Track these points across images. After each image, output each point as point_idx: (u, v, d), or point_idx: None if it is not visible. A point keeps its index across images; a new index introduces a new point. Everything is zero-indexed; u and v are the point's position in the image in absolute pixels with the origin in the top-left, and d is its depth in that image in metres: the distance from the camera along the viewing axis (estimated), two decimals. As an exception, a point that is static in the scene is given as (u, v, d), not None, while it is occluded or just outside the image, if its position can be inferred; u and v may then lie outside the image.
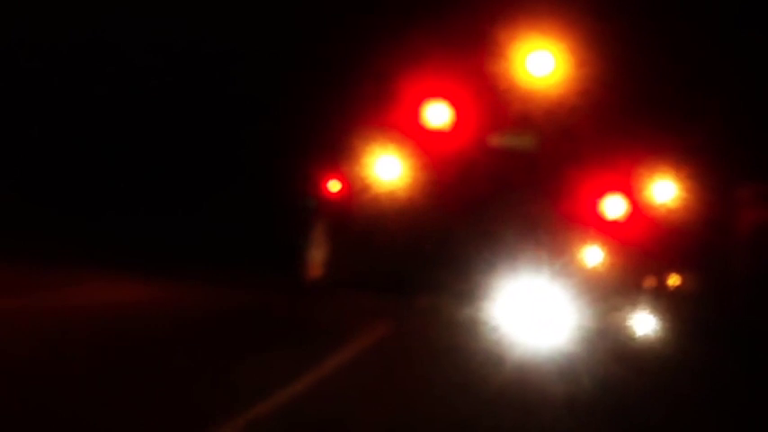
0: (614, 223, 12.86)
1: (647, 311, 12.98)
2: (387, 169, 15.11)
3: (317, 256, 15.75)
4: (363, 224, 14.92)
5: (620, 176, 12.93)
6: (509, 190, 13.25)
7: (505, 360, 9.30)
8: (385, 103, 13.79)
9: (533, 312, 11.37)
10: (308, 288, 15.28)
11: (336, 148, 15.19)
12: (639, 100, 12.73)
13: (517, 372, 8.89)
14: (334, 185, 15.65)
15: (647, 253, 13.64)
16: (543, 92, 12.95)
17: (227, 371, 8.04)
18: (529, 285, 11.80)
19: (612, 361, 9.76)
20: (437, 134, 13.17)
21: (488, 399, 7.79)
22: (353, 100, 14.18)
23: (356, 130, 14.64)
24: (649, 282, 14.43)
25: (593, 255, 14.51)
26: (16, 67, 14.55)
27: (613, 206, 12.78)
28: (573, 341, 10.68)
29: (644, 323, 12.80)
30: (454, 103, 13.23)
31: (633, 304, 13.05)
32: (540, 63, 12.83)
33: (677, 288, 14.71)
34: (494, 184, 13.25)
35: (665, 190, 12.85)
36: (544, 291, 11.70)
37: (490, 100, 13.15)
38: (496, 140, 13.32)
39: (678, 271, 14.58)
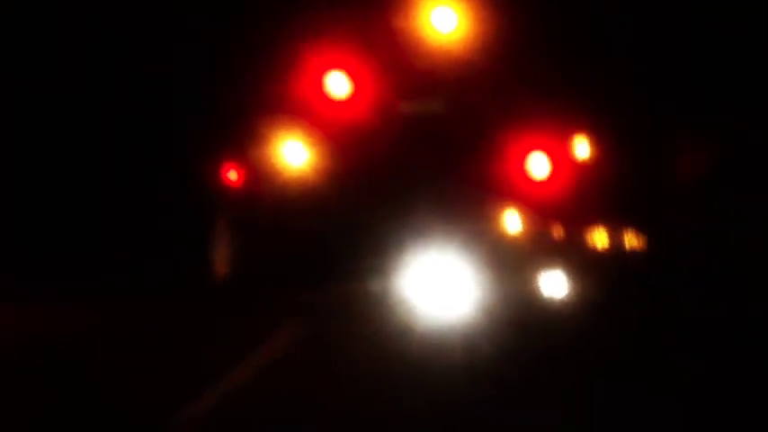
0: (540, 183, 11.89)
1: (563, 278, 12.61)
2: (290, 152, 13.91)
3: (221, 254, 14.45)
4: (268, 214, 13.69)
5: (542, 134, 11.96)
6: (421, 158, 12.19)
7: (410, 333, 9.41)
8: (285, 78, 12.55)
9: (443, 285, 11.09)
10: (213, 290, 13.96)
11: (233, 133, 13.91)
12: (552, 49, 11.79)
13: (420, 344, 9.02)
14: (233, 174, 14.38)
15: (572, 215, 12.77)
16: (449, 50, 11.91)
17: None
18: (441, 258, 11.35)
19: (517, 330, 9.79)
20: (341, 105, 12.00)
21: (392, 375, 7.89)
22: (249, 78, 12.93)
23: (255, 113, 13.36)
24: (571, 246, 13.74)
25: (511, 222, 13.84)
26: None
27: (538, 165, 11.81)
28: (481, 312, 10.51)
29: (558, 290, 12.50)
30: (356, 72, 12.09)
31: (549, 271, 12.69)
32: (444, 19, 11.77)
33: (603, 250, 13.86)
34: (405, 154, 12.18)
35: (588, 144, 11.99)
36: (456, 263, 11.32)
37: (395, 65, 12.05)
38: (405, 107, 12.22)
39: (608, 231, 13.76)
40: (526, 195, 12.05)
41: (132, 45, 13.18)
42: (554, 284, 12.50)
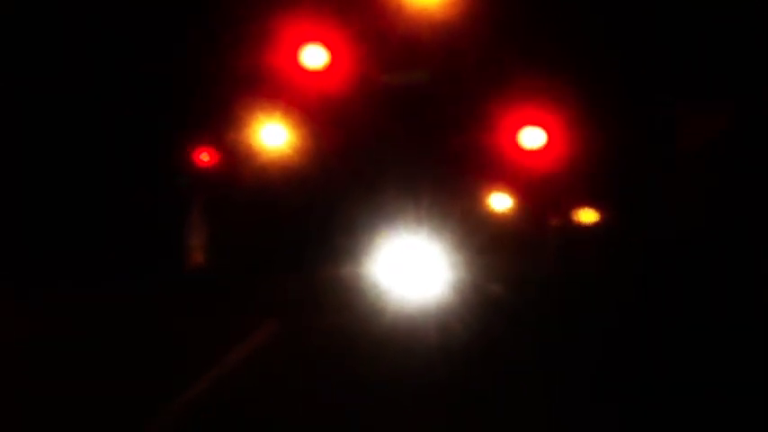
0: (532, 154, 11.07)
1: (547, 257, 12.49)
2: (266, 132, 13.08)
3: (196, 241, 13.61)
4: (243, 196, 12.86)
5: (534, 107, 11.13)
6: (404, 133, 11.38)
7: (388, 317, 9.40)
8: (260, 50, 11.72)
9: (422, 266, 10.87)
10: (188, 280, 13.13)
11: (207, 113, 13.04)
12: (545, 15, 10.97)
13: (396, 328, 9.05)
14: (206, 156, 13.53)
15: (562, 191, 12.03)
16: (434, 17, 11.07)
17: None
18: (421, 239, 11.00)
19: (496, 311, 9.83)
20: (317, 76, 11.15)
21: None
22: (223, 53, 12.10)
23: (229, 90, 12.50)
24: (558, 225, 13.18)
25: (495, 199, 13.25)
26: None
27: (531, 138, 11.00)
28: (462, 293, 10.44)
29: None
30: (332, 42, 11.24)
31: (534, 252, 12.49)
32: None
33: (591, 229, 13.21)
34: (386, 128, 11.36)
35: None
36: (436, 243, 11.02)
37: (374, 34, 11.22)
38: (386, 78, 11.36)
39: (597, 208, 13.05)
40: (518, 170, 11.25)
41: (99, 23, 12.34)
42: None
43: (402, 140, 11.49)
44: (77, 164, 12.91)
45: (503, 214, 13.10)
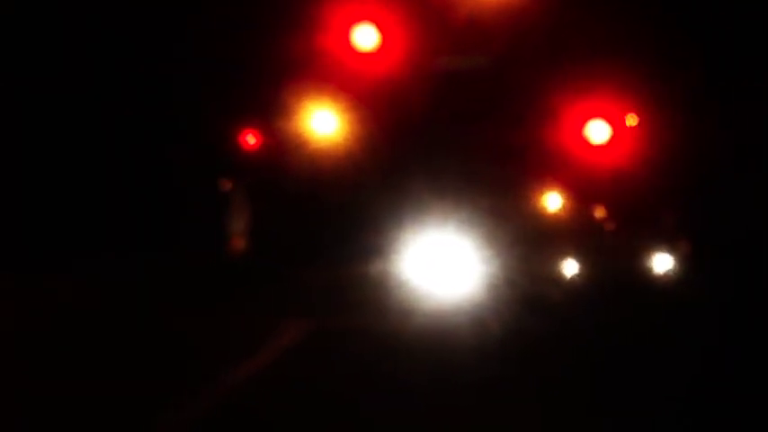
0: (597, 149, 10.25)
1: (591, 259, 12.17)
2: (313, 117, 12.43)
3: (237, 227, 13.02)
4: (286, 183, 12.22)
5: (601, 98, 10.28)
6: (458, 122, 10.60)
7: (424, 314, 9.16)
8: (310, 31, 11.07)
9: (462, 263, 10.59)
10: (227, 268, 12.53)
11: (255, 95, 12.41)
12: (615, 2, 10.11)
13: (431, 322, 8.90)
14: (252, 138, 12.92)
15: (626, 191, 11.24)
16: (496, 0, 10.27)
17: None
18: (464, 235, 10.68)
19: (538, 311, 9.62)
20: (368, 58, 10.42)
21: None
22: (273, 33, 11.46)
23: (278, 72, 11.84)
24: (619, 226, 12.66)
25: (550, 198, 12.76)
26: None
27: (597, 132, 10.17)
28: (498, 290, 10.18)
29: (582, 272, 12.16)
30: (385, 23, 10.49)
31: (578, 251, 12.16)
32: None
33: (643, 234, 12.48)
34: (439, 116, 10.60)
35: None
36: (477, 240, 10.71)
37: (431, 16, 10.45)
38: (442, 63, 10.58)
39: (665, 209, 12.32)
40: (581, 166, 10.43)
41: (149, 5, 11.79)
42: (579, 265, 12.00)
43: (455, 130, 10.74)
44: (117, 144, 12.38)
45: (555, 214, 12.43)
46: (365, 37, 10.46)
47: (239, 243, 12.92)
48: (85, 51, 11.71)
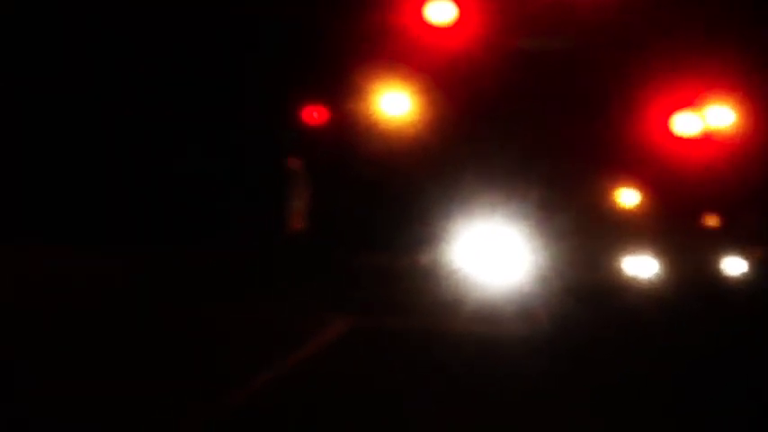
0: (686, 142, 9.48)
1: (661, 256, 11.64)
2: (384, 96, 11.82)
3: (297, 205, 12.50)
4: (349, 162, 11.65)
5: (691, 90, 9.50)
6: (532, 104, 9.91)
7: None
8: (384, 4, 10.50)
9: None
10: (283, 248, 12.02)
11: (324, 69, 11.86)
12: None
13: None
14: (317, 114, 12.37)
15: (716, 187, 10.46)
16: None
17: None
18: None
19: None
20: (443, 32, 9.77)
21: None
22: (346, 4, 10.90)
23: (351, 46, 11.28)
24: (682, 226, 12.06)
25: (625, 195, 12.17)
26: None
27: (686, 123, 9.41)
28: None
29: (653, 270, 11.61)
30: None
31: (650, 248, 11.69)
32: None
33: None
34: (513, 97, 9.92)
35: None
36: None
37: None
38: (523, 42, 9.89)
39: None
40: (667, 160, 9.67)
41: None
42: (650, 263, 11.55)
43: (527, 115, 10.05)
44: (180, 114, 11.93)
45: (629, 211, 11.75)
46: (441, 11, 9.84)
47: (298, 223, 12.42)
48: (148, 21, 11.29)
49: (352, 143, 11.68)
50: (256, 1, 10.94)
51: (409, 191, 11.15)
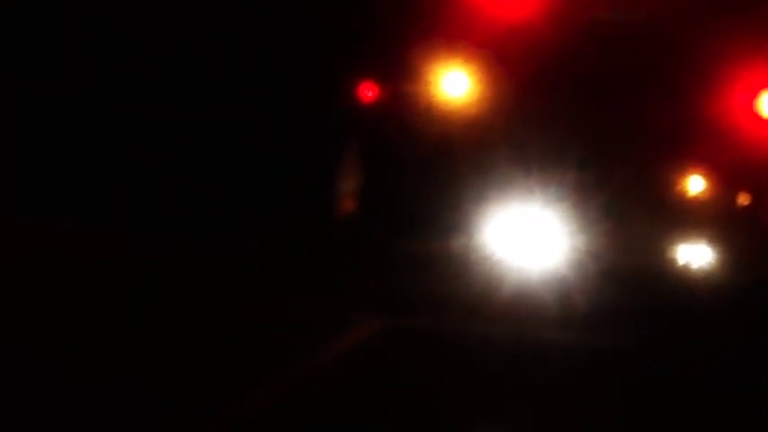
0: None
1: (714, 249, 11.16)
2: (442, 76, 11.10)
3: (347, 186, 11.83)
4: (402, 144, 10.92)
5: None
6: (602, 80, 9.07)
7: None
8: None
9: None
10: (333, 232, 11.35)
11: (381, 43, 11.15)
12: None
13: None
14: (371, 92, 11.67)
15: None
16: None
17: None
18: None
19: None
20: (507, 2, 8.98)
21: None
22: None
23: (408, 19, 10.56)
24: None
25: (694, 181, 11.49)
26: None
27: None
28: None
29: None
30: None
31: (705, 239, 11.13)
32: None
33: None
34: (582, 72, 9.08)
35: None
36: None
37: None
38: (590, 12, 9.02)
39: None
40: (753, 145, 8.75)
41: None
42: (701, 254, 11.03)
43: (594, 95, 9.21)
44: (223, 91, 11.33)
45: (695, 199, 10.94)
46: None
47: (349, 204, 11.75)
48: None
49: (406, 123, 10.96)
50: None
51: (457, 176, 10.41)
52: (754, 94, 8.64)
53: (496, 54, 9.77)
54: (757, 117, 8.65)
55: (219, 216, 10.30)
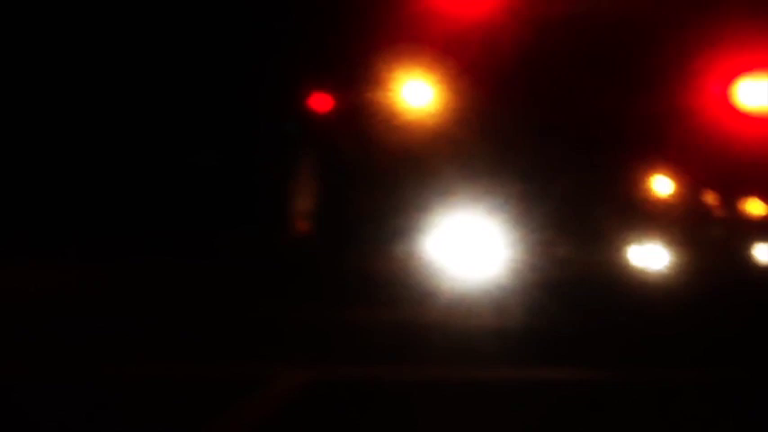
0: (750, 116, 7.94)
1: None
2: (403, 82, 10.44)
3: (301, 204, 11.07)
4: (357, 155, 10.20)
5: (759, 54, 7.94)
6: (558, 75, 8.40)
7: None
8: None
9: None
10: (286, 252, 10.58)
11: (331, 52, 10.47)
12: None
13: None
14: (324, 102, 10.95)
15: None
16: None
17: None
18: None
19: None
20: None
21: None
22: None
23: (359, 26, 9.90)
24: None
25: (659, 182, 11.20)
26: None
27: (751, 92, 7.85)
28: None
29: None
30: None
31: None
32: None
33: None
34: (539, 70, 8.39)
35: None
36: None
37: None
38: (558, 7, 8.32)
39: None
40: (726, 132, 8.08)
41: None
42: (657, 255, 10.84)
43: (563, 90, 8.53)
44: (170, 104, 10.63)
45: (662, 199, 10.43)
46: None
47: (303, 224, 11.00)
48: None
49: (360, 133, 10.25)
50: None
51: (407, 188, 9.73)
52: (727, 84, 7.98)
53: (455, 55, 9.11)
54: (732, 107, 8.00)
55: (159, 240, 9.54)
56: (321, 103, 10.86)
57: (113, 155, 10.56)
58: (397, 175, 9.89)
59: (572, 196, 9.55)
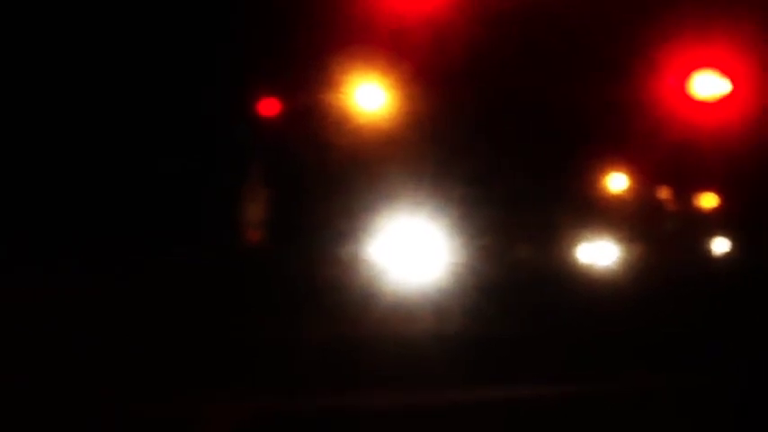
0: (706, 106, 7.90)
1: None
2: (358, 84, 10.25)
3: (252, 213, 10.83)
4: (308, 160, 10.00)
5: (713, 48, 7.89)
6: (516, 73, 8.28)
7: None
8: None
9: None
10: (238, 263, 10.30)
11: (279, 52, 10.25)
12: None
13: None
14: (272, 106, 10.73)
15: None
16: None
17: None
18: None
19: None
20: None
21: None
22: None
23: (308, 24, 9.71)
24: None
25: (613, 178, 11.16)
26: None
27: (707, 84, 7.81)
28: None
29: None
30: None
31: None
32: None
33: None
34: (498, 66, 8.26)
35: None
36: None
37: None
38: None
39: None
40: (684, 127, 8.02)
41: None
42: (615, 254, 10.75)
43: (515, 86, 8.40)
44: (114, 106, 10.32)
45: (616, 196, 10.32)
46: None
47: (254, 234, 10.74)
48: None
49: (311, 137, 10.05)
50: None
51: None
52: (685, 76, 7.93)
53: (403, 54, 8.94)
54: (690, 99, 7.96)
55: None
56: (269, 107, 10.68)
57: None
58: (345, 178, 9.73)
59: (522, 195, 9.46)
